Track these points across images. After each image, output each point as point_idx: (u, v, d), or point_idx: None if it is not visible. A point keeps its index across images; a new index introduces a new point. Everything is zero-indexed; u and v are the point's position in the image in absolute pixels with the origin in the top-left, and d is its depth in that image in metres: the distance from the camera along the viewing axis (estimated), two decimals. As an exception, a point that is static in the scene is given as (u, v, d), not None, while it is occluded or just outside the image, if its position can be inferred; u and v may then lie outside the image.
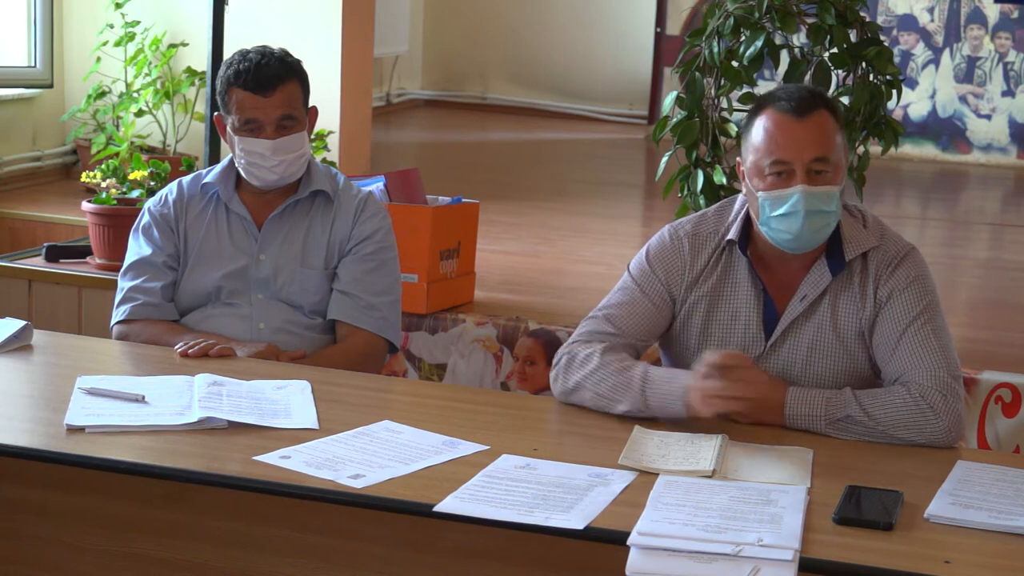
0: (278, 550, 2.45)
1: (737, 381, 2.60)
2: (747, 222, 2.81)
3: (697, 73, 4.14)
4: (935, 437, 2.60)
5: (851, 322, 2.75)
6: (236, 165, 3.28)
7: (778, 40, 4.15)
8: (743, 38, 4.09)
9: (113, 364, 3.07)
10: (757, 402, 2.64)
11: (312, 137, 3.47)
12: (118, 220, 4.57)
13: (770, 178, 2.69)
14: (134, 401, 2.64)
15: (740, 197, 2.87)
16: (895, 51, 8.57)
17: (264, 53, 3.23)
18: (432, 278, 4.39)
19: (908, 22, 8.89)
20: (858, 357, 2.76)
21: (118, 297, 3.29)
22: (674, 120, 4.19)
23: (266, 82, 3.18)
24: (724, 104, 4.18)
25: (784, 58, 4.17)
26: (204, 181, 3.33)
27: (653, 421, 2.65)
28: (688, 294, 2.83)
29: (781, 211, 2.68)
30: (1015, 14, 8.73)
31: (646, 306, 2.82)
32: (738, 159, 2.82)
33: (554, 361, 2.80)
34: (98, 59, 6.03)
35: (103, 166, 4.80)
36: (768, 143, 2.69)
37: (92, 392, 2.68)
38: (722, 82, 4.14)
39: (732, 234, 2.80)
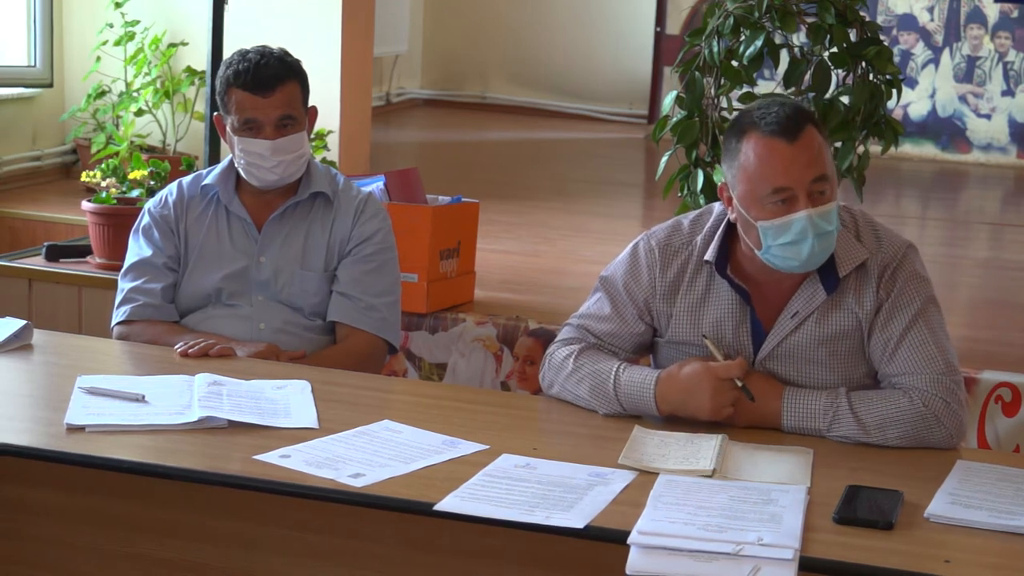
0: (278, 550, 2.45)
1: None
2: (725, 239, 2.72)
3: (697, 73, 4.14)
4: (938, 444, 2.58)
5: (847, 333, 2.68)
6: (236, 165, 3.28)
7: (778, 40, 4.15)
8: (743, 38, 4.09)
9: (113, 364, 3.07)
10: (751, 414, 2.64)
11: (312, 137, 3.47)
12: (118, 220, 4.57)
13: (771, 206, 2.58)
14: (134, 401, 2.64)
15: (717, 207, 2.78)
16: (895, 51, 8.57)
17: (263, 53, 3.22)
18: (432, 278, 4.39)
19: (908, 22, 8.88)
20: (856, 367, 2.70)
21: (118, 298, 3.29)
22: (674, 120, 4.19)
23: (265, 82, 3.18)
24: (724, 104, 4.17)
25: (784, 58, 4.17)
26: (204, 182, 3.33)
27: (640, 418, 2.67)
28: (664, 306, 2.77)
29: (786, 239, 2.58)
30: (1015, 13, 8.72)
31: (624, 330, 2.81)
32: (721, 183, 2.70)
33: (540, 365, 2.83)
34: (98, 59, 6.03)
35: (103, 166, 4.80)
36: (764, 171, 2.57)
37: (92, 391, 2.68)
38: (722, 82, 4.14)
39: (709, 255, 2.71)
